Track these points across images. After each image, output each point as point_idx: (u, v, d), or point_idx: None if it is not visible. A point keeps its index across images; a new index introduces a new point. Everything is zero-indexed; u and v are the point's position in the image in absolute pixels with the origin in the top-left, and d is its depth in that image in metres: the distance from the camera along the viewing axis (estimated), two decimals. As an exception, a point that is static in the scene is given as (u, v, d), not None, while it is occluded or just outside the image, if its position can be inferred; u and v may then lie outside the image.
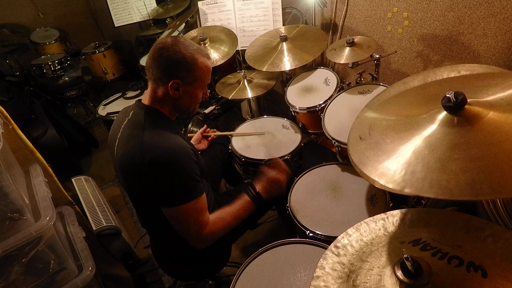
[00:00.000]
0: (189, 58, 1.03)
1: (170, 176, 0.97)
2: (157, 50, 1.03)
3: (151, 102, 1.08)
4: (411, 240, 0.73)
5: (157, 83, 1.06)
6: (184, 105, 1.11)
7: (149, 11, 3.26)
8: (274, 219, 2.00)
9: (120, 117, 1.15)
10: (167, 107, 1.10)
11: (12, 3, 3.59)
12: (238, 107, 2.68)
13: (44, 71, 3.39)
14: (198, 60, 1.04)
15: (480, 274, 0.60)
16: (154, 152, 0.96)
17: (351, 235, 0.83)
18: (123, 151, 1.04)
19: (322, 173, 1.44)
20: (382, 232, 0.81)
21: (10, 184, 1.05)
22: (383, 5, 1.88)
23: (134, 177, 1.04)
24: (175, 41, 1.03)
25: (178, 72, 1.03)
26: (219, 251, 1.31)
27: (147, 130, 1.01)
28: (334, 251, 0.79)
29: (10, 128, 1.30)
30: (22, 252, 1.07)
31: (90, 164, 3.01)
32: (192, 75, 1.05)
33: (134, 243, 2.05)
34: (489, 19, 1.47)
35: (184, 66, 1.03)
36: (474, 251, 0.66)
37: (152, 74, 1.05)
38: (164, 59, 1.02)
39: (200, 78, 1.07)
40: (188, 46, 1.04)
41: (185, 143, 1.04)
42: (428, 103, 0.84)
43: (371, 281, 0.68)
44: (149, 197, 1.04)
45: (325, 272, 0.75)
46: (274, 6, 2.17)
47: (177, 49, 1.02)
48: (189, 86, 1.07)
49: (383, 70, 2.08)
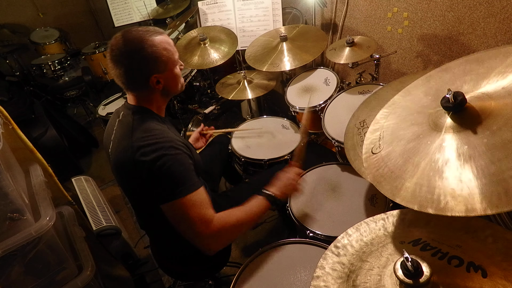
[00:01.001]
0: (148, 49, 0.96)
1: (162, 170, 0.93)
2: (115, 59, 0.97)
3: (137, 102, 1.06)
4: (411, 240, 0.73)
5: (135, 90, 1.04)
6: (171, 89, 1.09)
7: (149, 11, 3.26)
8: (274, 219, 2.00)
9: (112, 119, 1.14)
10: (155, 102, 1.08)
11: (12, 3, 3.60)
12: (238, 107, 2.68)
13: (44, 71, 3.39)
14: (156, 44, 0.97)
15: (480, 274, 0.60)
16: (143, 149, 0.94)
17: (351, 235, 0.83)
18: (116, 153, 1.04)
19: (322, 173, 1.44)
20: (382, 232, 0.81)
21: (10, 184, 1.05)
22: (383, 5, 1.88)
23: (129, 178, 1.03)
24: (125, 41, 0.96)
25: (149, 69, 0.99)
26: (219, 251, 1.31)
27: (136, 129, 0.99)
28: (334, 251, 0.79)
29: (10, 128, 1.30)
30: (22, 252, 1.07)
31: (90, 164, 3.01)
32: (161, 62, 1.00)
33: (134, 243, 2.05)
34: (489, 19, 1.47)
35: (150, 60, 0.97)
36: (474, 251, 0.66)
37: (126, 84, 1.02)
38: (127, 66, 0.97)
39: (169, 58, 1.02)
40: (139, 37, 0.96)
41: (174, 137, 1.00)
42: (431, 103, 0.84)
43: (371, 281, 0.68)
44: (145, 197, 1.03)
45: (325, 272, 0.75)
46: (274, 6, 2.17)
47: (132, 48, 0.95)
48: (166, 72, 1.03)
49: (383, 70, 2.08)
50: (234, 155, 1.72)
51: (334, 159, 1.53)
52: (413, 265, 0.59)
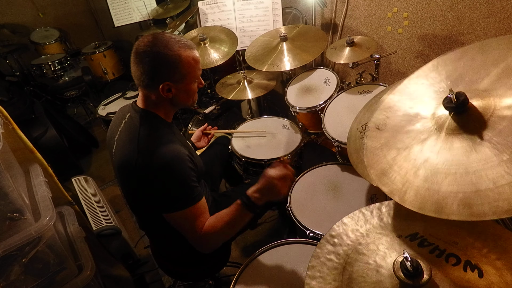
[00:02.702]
0: (172, 56, 0.97)
1: (165, 183, 0.95)
2: (138, 55, 0.98)
3: (145, 105, 1.06)
4: (408, 234, 0.73)
5: (147, 89, 1.03)
6: (181, 102, 1.08)
7: (149, 11, 3.26)
8: (274, 219, 2.00)
9: (117, 119, 1.14)
10: (163, 109, 1.07)
11: (12, 3, 3.59)
12: (238, 107, 2.68)
13: (44, 71, 3.38)
14: (182, 55, 0.99)
15: (476, 274, 0.60)
16: (148, 159, 0.94)
17: (347, 224, 0.83)
18: (120, 155, 1.04)
19: (322, 173, 1.44)
20: (377, 223, 0.81)
21: (10, 184, 1.05)
22: (383, 5, 1.88)
23: (131, 182, 1.03)
24: (154, 41, 0.97)
25: (165, 74, 0.99)
26: (219, 251, 1.31)
27: (142, 135, 1.00)
28: (330, 240, 0.79)
29: (10, 128, 1.30)
30: (22, 252, 1.07)
31: (90, 164, 3.01)
32: (180, 73, 1.00)
33: (134, 243, 2.05)
34: (489, 19, 1.47)
35: (169, 67, 0.98)
36: (469, 248, 0.66)
37: (140, 80, 1.01)
38: (147, 64, 0.97)
39: (189, 72, 1.02)
40: (168, 43, 0.98)
41: (180, 148, 1.00)
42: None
43: (368, 275, 0.67)
44: (145, 202, 1.04)
45: (320, 262, 0.75)
46: (274, 6, 2.17)
47: (157, 50, 0.96)
48: (180, 84, 1.02)
49: (383, 70, 2.08)
50: (235, 155, 1.72)
51: (334, 159, 1.53)
52: (412, 265, 0.59)
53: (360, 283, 0.67)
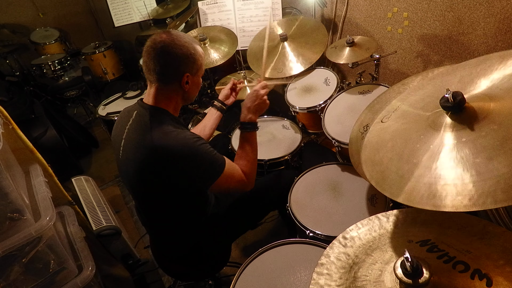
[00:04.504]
0: (192, 49, 1.06)
1: (195, 161, 1.01)
2: (158, 49, 1.02)
3: (155, 101, 1.08)
4: (419, 240, 0.73)
5: (164, 82, 1.06)
6: (191, 95, 1.16)
7: (149, 11, 3.26)
8: (274, 219, 2.00)
9: (123, 118, 1.14)
10: (173, 103, 1.11)
11: (12, 3, 3.59)
12: (238, 107, 2.67)
13: (44, 71, 3.38)
14: (197, 49, 1.08)
15: (484, 283, 0.58)
16: (171, 150, 0.99)
17: (361, 228, 0.83)
18: (133, 151, 1.04)
19: (322, 173, 1.44)
20: (392, 229, 0.80)
21: (10, 184, 1.05)
22: (383, 5, 1.88)
23: (153, 178, 1.03)
24: (172, 36, 1.04)
25: (187, 66, 1.06)
26: (219, 251, 1.31)
27: (155, 131, 1.01)
28: (342, 242, 0.80)
29: (10, 128, 1.30)
30: (22, 252, 1.07)
31: (90, 164, 3.01)
32: (196, 65, 1.09)
33: (134, 243, 2.05)
34: (489, 19, 1.47)
35: (190, 59, 1.06)
36: (483, 258, 0.64)
37: (157, 74, 1.04)
38: (171, 56, 1.02)
39: (201, 65, 1.12)
40: (184, 37, 1.06)
41: (193, 133, 1.07)
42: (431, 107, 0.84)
43: (372, 275, 0.68)
44: (169, 191, 1.07)
45: (329, 261, 0.76)
46: (274, 6, 2.17)
47: (179, 43, 1.03)
48: (195, 77, 1.12)
49: (383, 70, 2.08)
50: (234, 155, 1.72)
51: (334, 159, 1.53)
52: (412, 265, 0.59)
53: (362, 282, 0.67)
